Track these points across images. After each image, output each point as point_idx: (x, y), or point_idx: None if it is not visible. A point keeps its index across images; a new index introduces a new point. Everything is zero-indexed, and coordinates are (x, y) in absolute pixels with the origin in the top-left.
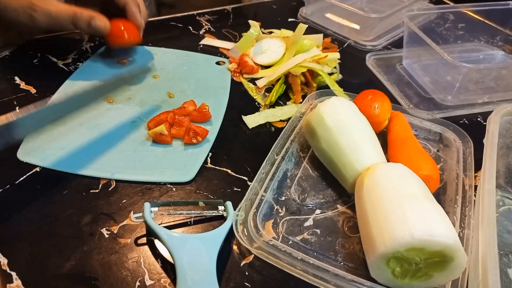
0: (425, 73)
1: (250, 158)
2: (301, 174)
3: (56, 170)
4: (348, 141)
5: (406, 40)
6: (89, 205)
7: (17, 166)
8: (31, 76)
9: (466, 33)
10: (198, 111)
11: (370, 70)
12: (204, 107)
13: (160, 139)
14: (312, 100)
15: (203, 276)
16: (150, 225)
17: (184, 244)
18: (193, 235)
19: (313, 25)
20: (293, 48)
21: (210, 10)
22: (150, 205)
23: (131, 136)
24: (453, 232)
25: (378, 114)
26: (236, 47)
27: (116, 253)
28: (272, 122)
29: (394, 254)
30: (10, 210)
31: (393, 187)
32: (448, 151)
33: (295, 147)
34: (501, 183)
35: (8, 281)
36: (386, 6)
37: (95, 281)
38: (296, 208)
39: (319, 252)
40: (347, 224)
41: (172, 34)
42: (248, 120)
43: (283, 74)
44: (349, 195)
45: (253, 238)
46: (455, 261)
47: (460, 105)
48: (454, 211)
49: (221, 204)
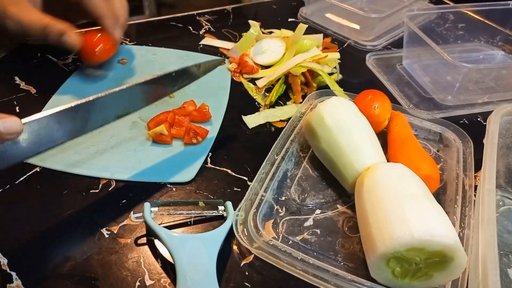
0: (425, 73)
1: (250, 158)
2: (301, 174)
3: (56, 170)
4: (348, 141)
5: (406, 40)
6: (89, 205)
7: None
8: (31, 76)
9: (466, 33)
10: (198, 111)
11: (370, 70)
12: (204, 107)
13: (160, 139)
14: (312, 100)
15: (203, 276)
16: (150, 225)
17: (184, 244)
18: (193, 235)
19: (313, 25)
20: (293, 48)
21: (210, 10)
22: (150, 205)
23: (131, 136)
24: (453, 232)
25: (378, 114)
26: (236, 47)
27: (116, 253)
28: (272, 122)
29: (394, 254)
30: (10, 210)
31: (393, 187)
32: (448, 151)
33: (295, 147)
34: (501, 183)
35: (8, 281)
36: (386, 6)
37: (95, 281)
38: (296, 208)
39: (319, 252)
40: (347, 224)
41: (172, 34)
42: (248, 120)
43: (283, 74)
44: (349, 195)
45: (253, 238)
46: (455, 261)
47: (460, 105)
48: (454, 211)
49: (221, 204)
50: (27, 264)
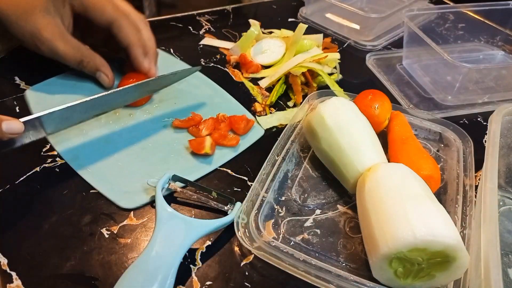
0: (425, 73)
1: (250, 158)
2: (301, 175)
3: (56, 170)
4: (349, 142)
5: (406, 40)
6: (89, 205)
7: (17, 166)
8: (31, 76)
9: (466, 33)
10: (237, 122)
11: (370, 70)
12: (241, 118)
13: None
14: (313, 100)
15: (168, 255)
16: (156, 191)
17: (170, 219)
18: (182, 215)
19: (313, 25)
20: (293, 48)
21: (210, 10)
22: (170, 176)
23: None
24: (455, 232)
25: (378, 114)
26: (237, 46)
27: (116, 253)
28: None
29: (396, 254)
30: (10, 210)
31: (395, 188)
32: (448, 150)
33: (296, 147)
34: (501, 183)
35: (8, 281)
36: (386, 6)
37: (95, 281)
38: (297, 208)
39: (321, 253)
40: (349, 224)
41: (172, 34)
42: (262, 121)
43: (284, 75)
44: (350, 196)
45: (254, 239)
46: (458, 261)
47: (460, 105)
48: (455, 211)
49: (232, 202)
50: (27, 264)
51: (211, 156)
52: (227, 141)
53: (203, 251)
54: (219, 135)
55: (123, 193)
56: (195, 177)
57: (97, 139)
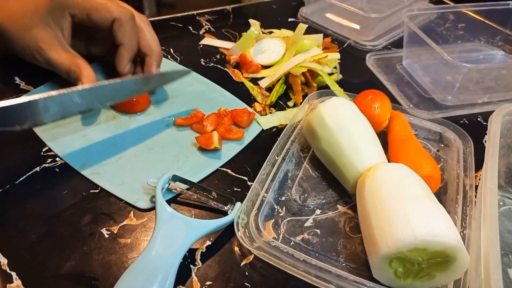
0: (425, 73)
1: (250, 158)
2: (301, 175)
3: (56, 170)
4: (349, 142)
5: (406, 40)
6: (89, 205)
7: (17, 166)
8: (31, 76)
9: (466, 33)
10: (239, 115)
11: (370, 70)
12: (242, 111)
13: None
14: (313, 100)
15: (168, 255)
16: (156, 192)
17: (170, 219)
18: (182, 215)
19: (313, 25)
20: (293, 48)
21: (210, 10)
22: (170, 176)
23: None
24: (455, 232)
25: (378, 114)
26: (236, 46)
27: (116, 253)
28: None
29: (396, 254)
30: (10, 210)
31: (395, 188)
32: (448, 150)
33: (296, 147)
34: (501, 183)
35: (8, 281)
36: (386, 6)
37: (95, 281)
38: (297, 208)
39: (321, 253)
40: (349, 224)
41: (172, 34)
42: (262, 121)
43: (283, 75)
44: (350, 196)
45: (254, 239)
46: (458, 261)
47: (460, 105)
48: (455, 211)
49: (232, 202)
50: (27, 264)
51: (219, 150)
52: (233, 134)
53: (203, 251)
54: (224, 129)
55: (141, 194)
56: (208, 172)
57: (102, 143)
